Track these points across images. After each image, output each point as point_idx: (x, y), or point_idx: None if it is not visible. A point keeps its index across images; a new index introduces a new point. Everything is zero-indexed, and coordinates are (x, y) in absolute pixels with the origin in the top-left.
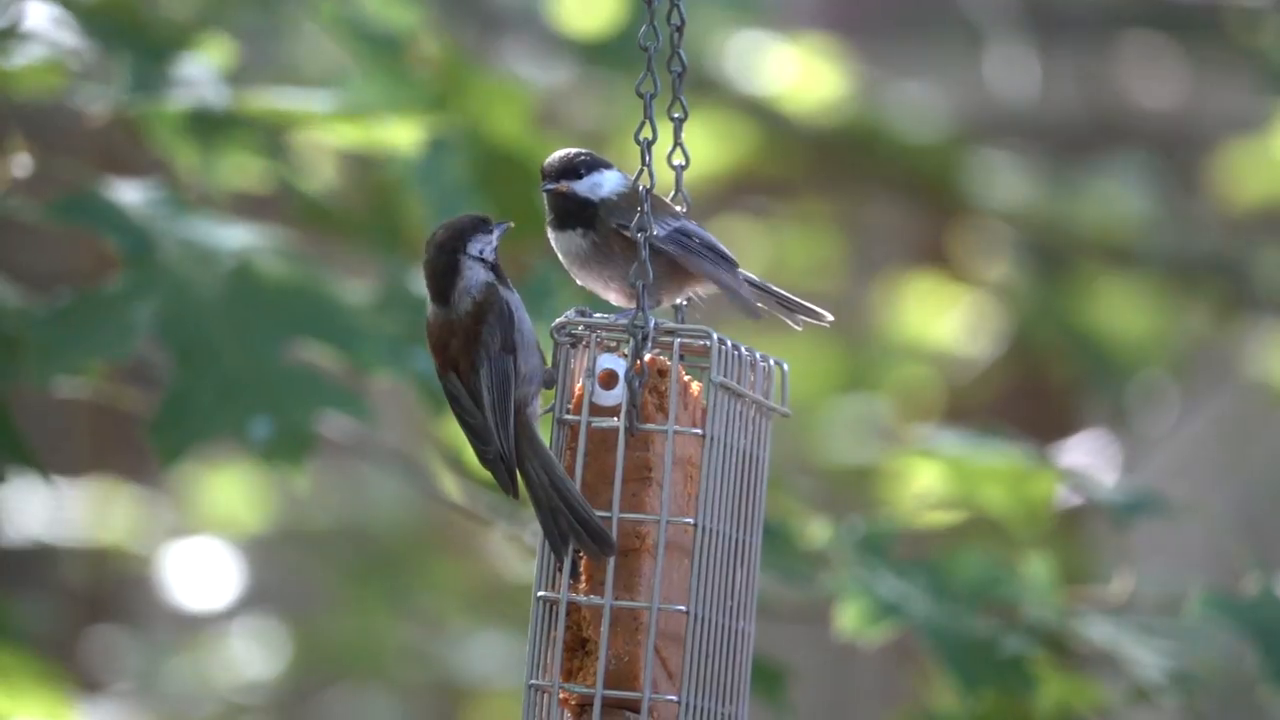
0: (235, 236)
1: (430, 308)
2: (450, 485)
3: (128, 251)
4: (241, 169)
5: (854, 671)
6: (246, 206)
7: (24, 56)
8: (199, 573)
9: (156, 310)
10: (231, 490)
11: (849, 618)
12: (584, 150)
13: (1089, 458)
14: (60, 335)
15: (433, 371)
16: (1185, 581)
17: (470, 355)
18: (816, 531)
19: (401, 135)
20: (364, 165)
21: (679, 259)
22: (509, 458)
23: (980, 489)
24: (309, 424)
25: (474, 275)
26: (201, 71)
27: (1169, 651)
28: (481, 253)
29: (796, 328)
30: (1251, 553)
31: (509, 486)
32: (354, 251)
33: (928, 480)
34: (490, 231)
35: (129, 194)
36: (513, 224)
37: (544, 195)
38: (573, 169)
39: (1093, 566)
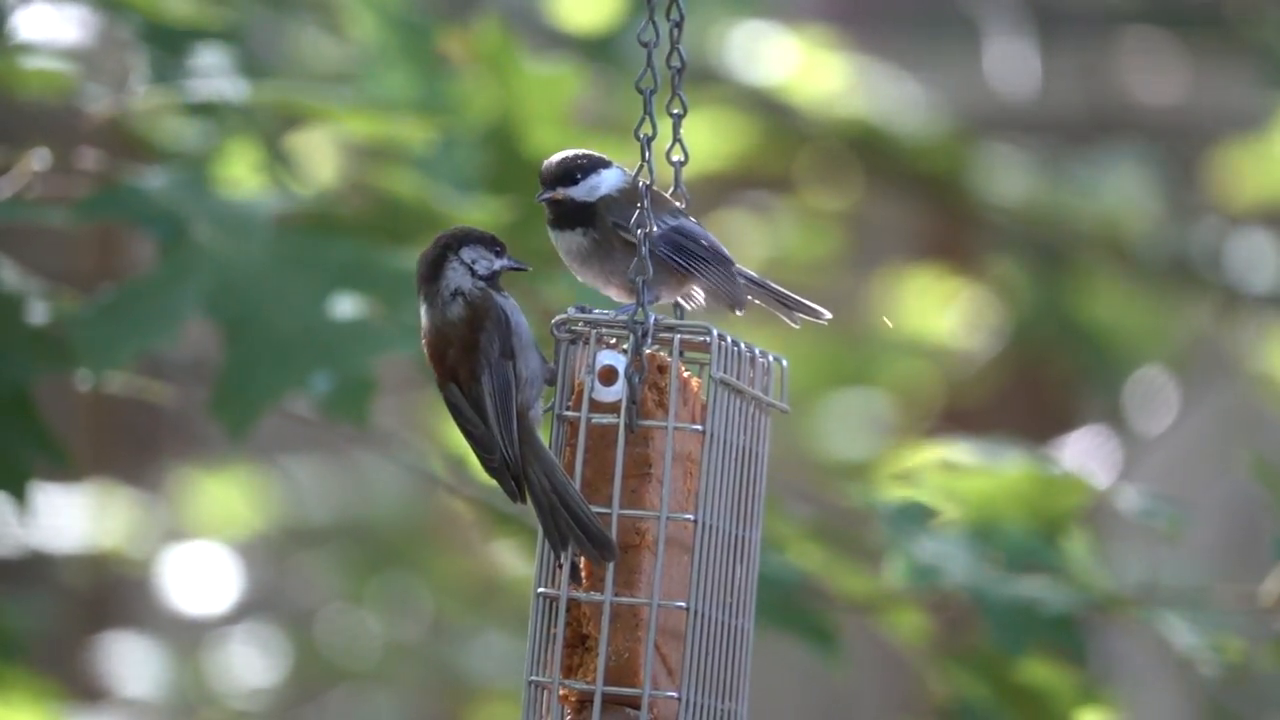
0: (267, 204)
1: (423, 314)
2: (458, 476)
3: (163, 238)
4: (241, 179)
5: (852, 659)
6: None
7: (30, 61)
8: (198, 577)
9: (200, 290)
10: (229, 493)
11: (895, 575)
12: (582, 152)
13: (1088, 454)
14: (107, 330)
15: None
16: (1190, 562)
17: (470, 364)
18: (855, 495)
19: (415, 131)
20: (369, 163)
21: (669, 260)
22: (514, 464)
23: (999, 511)
24: (367, 370)
25: (456, 277)
26: (216, 65)
27: (1200, 632)
28: (474, 263)
29: (794, 325)
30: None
31: (515, 494)
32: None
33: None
34: (495, 252)
35: (154, 180)
36: (530, 268)
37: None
38: (568, 174)
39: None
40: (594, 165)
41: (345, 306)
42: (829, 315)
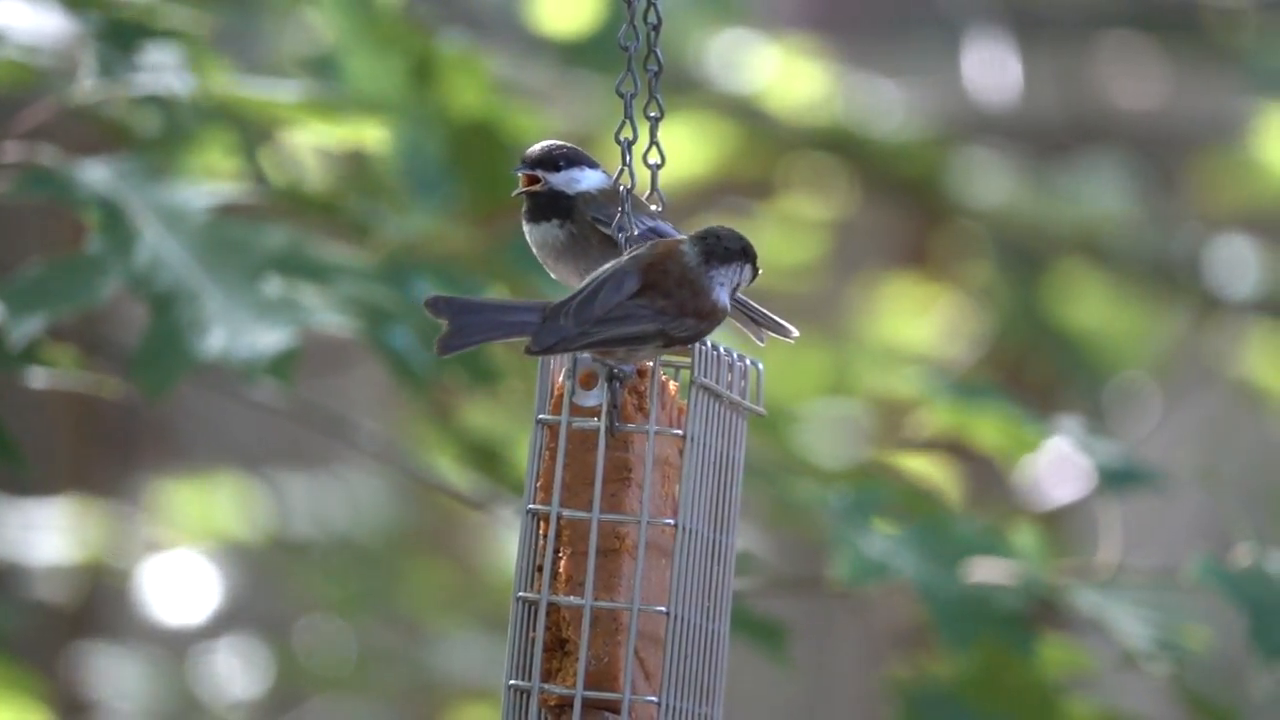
0: (206, 195)
1: (689, 256)
2: (444, 469)
3: (98, 218)
4: (213, 166)
5: (833, 656)
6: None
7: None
8: (178, 587)
9: (130, 267)
10: (209, 502)
11: (841, 571)
12: (567, 144)
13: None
14: (33, 297)
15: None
16: (1171, 559)
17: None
18: (806, 494)
19: (374, 125)
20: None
21: None
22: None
23: (973, 427)
24: (291, 340)
25: (725, 278)
26: (171, 59)
27: (1157, 622)
28: (738, 279)
29: (760, 342)
30: (1243, 530)
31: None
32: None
33: (924, 409)
34: (751, 279)
35: (96, 171)
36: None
37: (518, 181)
38: (550, 160)
39: (1076, 553)
40: (578, 160)
41: (273, 286)
42: (797, 334)
